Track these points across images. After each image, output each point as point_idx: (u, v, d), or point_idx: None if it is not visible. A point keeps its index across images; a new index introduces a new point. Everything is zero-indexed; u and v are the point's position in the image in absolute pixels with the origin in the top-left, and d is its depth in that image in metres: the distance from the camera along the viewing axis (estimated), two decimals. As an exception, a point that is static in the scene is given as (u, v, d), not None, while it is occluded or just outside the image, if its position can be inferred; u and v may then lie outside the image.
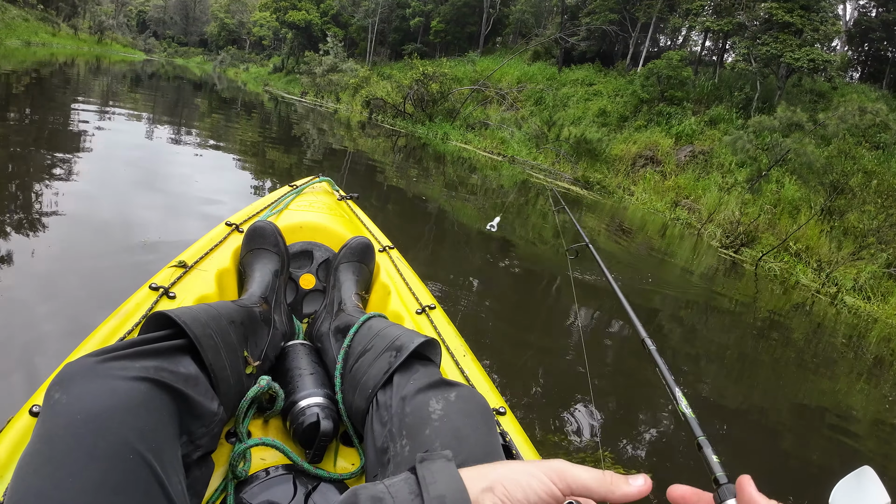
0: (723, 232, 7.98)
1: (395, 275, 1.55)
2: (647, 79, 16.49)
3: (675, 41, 25.35)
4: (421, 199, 6.76)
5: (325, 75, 24.69)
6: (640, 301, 4.56)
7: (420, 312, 1.41)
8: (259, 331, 1.08)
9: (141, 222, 3.62)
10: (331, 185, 2.11)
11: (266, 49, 49.53)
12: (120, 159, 5.29)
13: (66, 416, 0.63)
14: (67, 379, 0.67)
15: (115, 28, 46.48)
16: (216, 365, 0.86)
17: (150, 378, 0.71)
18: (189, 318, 0.85)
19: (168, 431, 0.71)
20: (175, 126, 8.86)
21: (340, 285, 1.36)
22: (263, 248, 1.34)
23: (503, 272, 4.75)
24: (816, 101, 15.41)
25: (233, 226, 1.56)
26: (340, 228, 1.61)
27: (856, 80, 19.89)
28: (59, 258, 2.83)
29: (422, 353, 0.97)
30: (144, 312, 1.10)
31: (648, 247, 7.11)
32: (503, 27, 29.85)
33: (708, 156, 13.49)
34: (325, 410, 0.98)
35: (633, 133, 15.33)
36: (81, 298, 2.47)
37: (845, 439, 3.06)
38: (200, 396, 0.79)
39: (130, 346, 0.74)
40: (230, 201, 4.59)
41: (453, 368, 1.21)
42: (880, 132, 11.57)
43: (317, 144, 10.54)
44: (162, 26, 75.78)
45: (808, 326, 5.25)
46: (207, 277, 1.29)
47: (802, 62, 14.16)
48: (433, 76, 17.96)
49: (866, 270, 6.96)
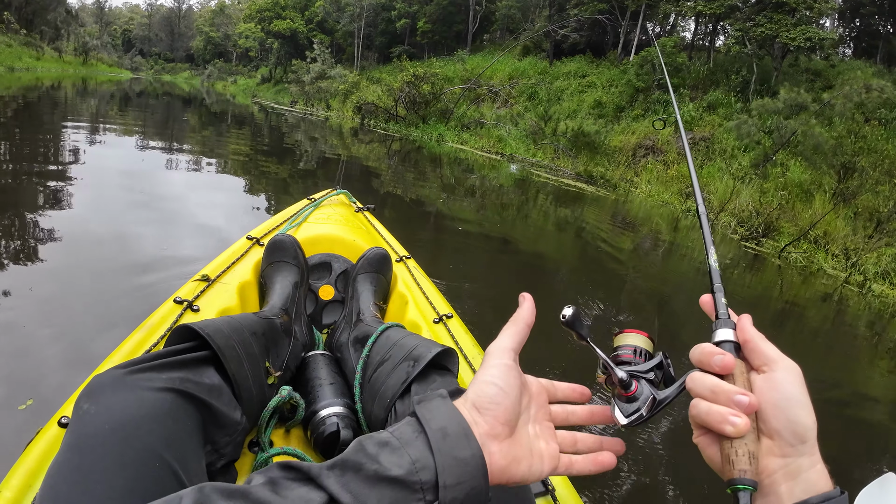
0: (737, 222, 7.70)
1: (413, 284, 1.56)
2: (640, 67, 16.23)
3: (665, 28, 25.10)
4: (419, 204, 6.49)
5: (314, 83, 24.40)
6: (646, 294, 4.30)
7: (437, 322, 1.41)
8: (280, 342, 1.10)
9: (137, 243, 3.54)
10: (348, 198, 2.13)
11: (253, 60, 49.35)
12: (113, 181, 5.18)
13: (94, 425, 0.65)
14: (96, 390, 0.69)
15: (99, 48, 46.12)
16: (239, 375, 0.88)
17: (176, 389, 0.73)
18: (212, 330, 0.87)
19: (193, 440, 0.73)
20: (166, 144, 8.72)
21: (358, 296, 1.37)
22: (283, 260, 1.37)
23: (512, 272, 4.48)
24: (813, 81, 15.14)
25: (253, 239, 1.59)
26: (358, 240, 1.64)
27: (849, 57, 19.63)
28: (57, 282, 2.76)
29: (439, 363, 0.98)
30: (169, 325, 1.13)
31: (655, 241, 6.85)
32: (490, 24, 29.63)
33: (709, 142, 13.23)
34: (345, 420, 1.00)
35: (630, 123, 15.06)
36: (82, 323, 2.41)
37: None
38: (224, 406, 0.81)
39: (156, 357, 0.77)
40: (226, 218, 4.47)
41: (471, 377, 1.17)
42: (880, 108, 11.33)
43: (310, 154, 10.27)
44: (147, 44, 75.74)
45: (853, 321, 4.98)
46: (230, 290, 1.32)
47: (799, 41, 13.91)
48: (424, 77, 17.66)
49: (887, 254, 6.69)
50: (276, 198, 5.89)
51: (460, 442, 0.47)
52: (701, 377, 0.51)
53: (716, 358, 0.50)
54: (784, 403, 0.47)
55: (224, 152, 8.69)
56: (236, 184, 6.46)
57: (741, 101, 14.68)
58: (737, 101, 14.65)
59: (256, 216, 4.88)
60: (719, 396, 0.48)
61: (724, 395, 0.48)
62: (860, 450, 2.69)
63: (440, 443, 0.46)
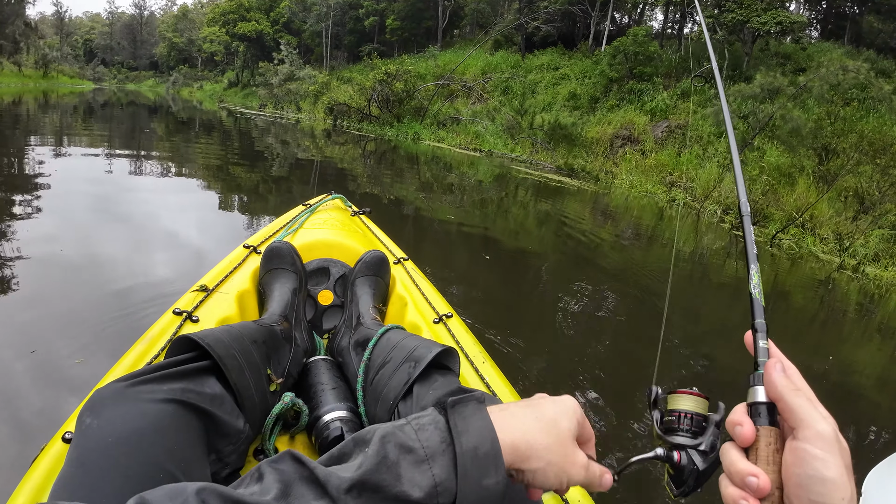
0: (723, 209, 7.57)
1: (411, 286, 1.55)
2: (613, 57, 16.14)
3: (633, 17, 25.13)
4: (398, 204, 6.23)
5: (283, 85, 23.90)
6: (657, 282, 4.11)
7: (437, 322, 1.40)
8: (281, 349, 1.09)
9: (108, 262, 3.40)
10: (343, 202, 2.15)
11: (219, 65, 48.43)
12: (80, 198, 4.95)
13: (97, 439, 0.65)
14: (98, 404, 0.69)
15: (59, 60, 44.77)
16: (240, 384, 0.87)
17: (178, 399, 0.73)
18: (212, 340, 0.87)
19: (197, 450, 0.73)
20: (134, 155, 8.46)
21: (357, 299, 1.36)
22: (281, 267, 1.36)
23: (499, 268, 4.28)
24: (783, 64, 15.21)
25: (250, 248, 1.59)
26: (355, 243, 1.63)
27: (816, 39, 19.81)
28: (29, 306, 2.61)
29: (440, 363, 0.97)
30: (169, 337, 1.13)
31: (641, 235, 6.70)
32: (460, 19, 29.41)
33: (684, 129, 13.18)
34: (349, 424, 0.99)
35: (606, 114, 14.96)
36: (57, 346, 2.28)
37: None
38: (227, 415, 0.81)
39: (157, 369, 0.76)
40: (198, 231, 4.31)
41: (473, 376, 1.20)
42: (851, 88, 11.35)
43: (283, 158, 9.95)
44: (110, 53, 73.95)
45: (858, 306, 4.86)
46: (228, 300, 1.32)
47: (770, 26, 13.93)
48: (396, 75, 17.34)
49: (874, 236, 6.63)
50: (250, 205, 5.68)
51: (488, 468, 0.45)
52: (726, 450, 0.47)
53: (736, 430, 0.47)
54: (807, 482, 0.41)
55: (193, 161, 8.42)
56: (206, 193, 6.19)
57: (714, 87, 14.62)
58: (710, 88, 14.57)
59: (230, 228, 4.69)
60: (734, 477, 0.45)
61: (736, 475, 0.45)
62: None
63: (468, 465, 0.45)
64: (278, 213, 2.07)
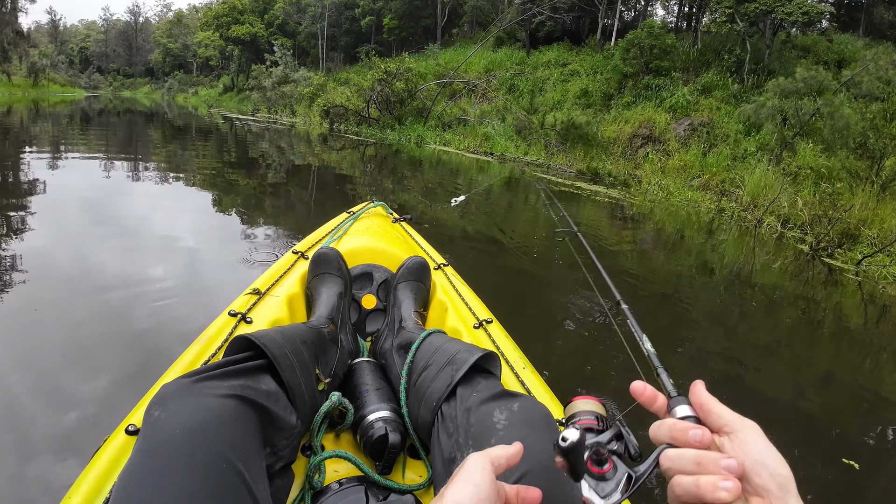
0: (781, 223, 6.54)
1: (452, 291, 1.56)
2: (627, 51, 15.13)
3: (638, 10, 24.19)
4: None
5: (276, 87, 22.93)
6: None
7: (477, 327, 1.40)
8: (328, 350, 1.13)
9: (108, 273, 3.34)
10: (385, 209, 2.20)
11: (214, 69, 47.66)
12: (78, 208, 4.93)
13: (165, 431, 0.67)
14: (165, 398, 0.72)
15: (49, 67, 43.87)
16: (292, 382, 0.90)
17: (237, 395, 0.75)
18: (267, 340, 0.90)
19: (254, 443, 0.75)
20: (131, 164, 8.33)
21: (400, 304, 1.38)
22: (328, 272, 1.40)
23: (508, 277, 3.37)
24: (803, 57, 14.23)
25: (299, 253, 1.65)
26: (396, 250, 1.66)
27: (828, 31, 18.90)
28: (29, 322, 2.56)
29: (482, 367, 0.98)
30: (225, 337, 1.18)
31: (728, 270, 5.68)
32: (459, 17, 28.50)
33: (709, 127, 12.21)
34: (392, 423, 1.00)
35: (622, 112, 13.96)
36: (57, 362, 2.23)
37: None
38: (281, 411, 0.83)
39: (218, 367, 0.80)
40: (199, 241, 4.17)
41: (514, 380, 1.19)
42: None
43: (278, 166, 9.02)
44: (105, 60, 73.29)
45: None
46: (279, 302, 1.37)
47: (796, 16, 12.97)
48: (397, 73, 16.36)
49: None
50: (247, 214, 5.38)
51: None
52: (679, 453, 0.50)
53: (692, 433, 0.50)
54: (762, 459, 0.47)
55: (190, 169, 8.11)
56: (204, 201, 5.97)
57: (736, 81, 13.70)
58: (733, 82, 13.66)
59: (228, 239, 4.39)
60: (707, 466, 0.47)
61: (711, 463, 0.47)
62: None
63: None
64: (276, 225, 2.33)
